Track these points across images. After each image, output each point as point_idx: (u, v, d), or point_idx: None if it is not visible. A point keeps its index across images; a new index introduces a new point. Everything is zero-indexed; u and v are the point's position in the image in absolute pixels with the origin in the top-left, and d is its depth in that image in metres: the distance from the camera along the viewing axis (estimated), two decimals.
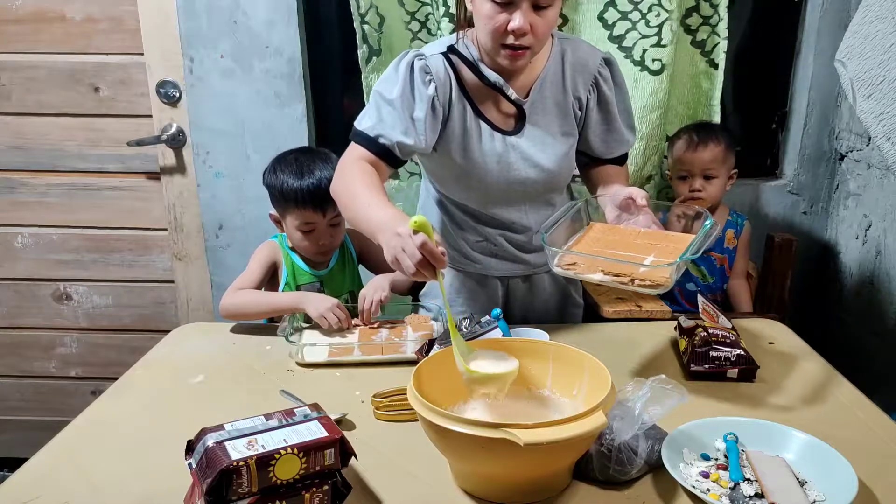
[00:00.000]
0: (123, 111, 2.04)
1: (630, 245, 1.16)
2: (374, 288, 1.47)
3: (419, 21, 1.85)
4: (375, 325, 1.43)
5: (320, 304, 1.41)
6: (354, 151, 1.33)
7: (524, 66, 1.34)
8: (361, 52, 1.81)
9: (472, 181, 1.42)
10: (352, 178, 1.28)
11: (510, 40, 1.24)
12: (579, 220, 1.29)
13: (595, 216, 1.31)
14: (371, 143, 1.31)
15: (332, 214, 1.52)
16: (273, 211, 1.58)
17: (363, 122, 1.34)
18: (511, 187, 1.43)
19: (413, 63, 1.33)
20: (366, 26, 1.79)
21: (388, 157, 1.32)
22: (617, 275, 1.08)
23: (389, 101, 1.31)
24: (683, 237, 1.18)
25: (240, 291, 1.50)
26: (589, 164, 1.52)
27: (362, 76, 1.86)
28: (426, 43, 1.74)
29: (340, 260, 1.62)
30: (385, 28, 1.81)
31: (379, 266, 1.66)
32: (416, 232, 1.03)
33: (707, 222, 1.16)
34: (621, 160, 1.50)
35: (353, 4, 1.79)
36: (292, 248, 1.59)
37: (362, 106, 1.48)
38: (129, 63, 2.00)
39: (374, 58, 1.84)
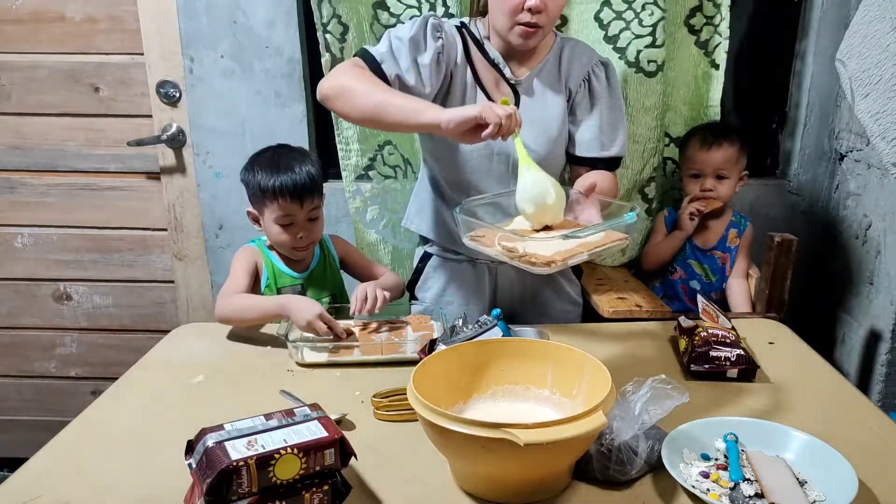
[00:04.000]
0: (123, 111, 2.04)
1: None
2: (374, 286, 1.46)
3: (403, 23, 1.85)
4: (374, 326, 1.43)
5: (305, 312, 1.35)
6: (354, 60, 1.39)
7: (533, 46, 1.42)
8: (324, 59, 1.84)
9: (462, 155, 1.47)
10: (368, 79, 1.32)
11: (525, 18, 1.34)
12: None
13: None
14: (374, 65, 1.37)
15: (310, 207, 1.50)
16: (250, 208, 1.56)
17: (373, 49, 1.40)
18: (498, 160, 1.48)
19: (428, 19, 1.43)
20: (328, 35, 1.81)
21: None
22: (510, 250, 1.07)
23: (400, 39, 1.39)
24: (613, 234, 1.13)
25: (233, 297, 1.46)
26: (570, 165, 1.55)
27: None
28: None
29: (321, 262, 1.61)
30: (348, 36, 1.82)
31: (361, 271, 1.66)
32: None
33: (628, 214, 1.11)
34: (599, 164, 1.48)
35: (315, 14, 1.80)
36: (270, 248, 1.58)
37: None
38: (129, 63, 2.00)
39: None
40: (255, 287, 1.55)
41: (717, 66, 1.91)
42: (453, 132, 1.16)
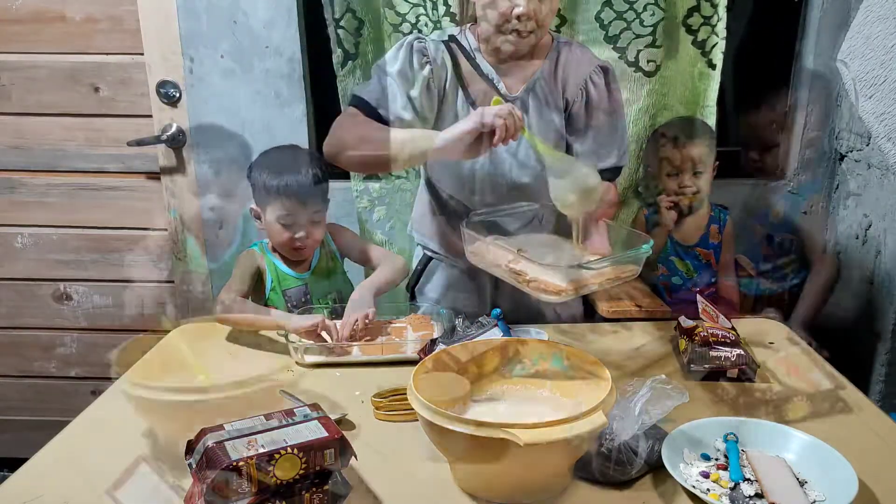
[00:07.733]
0: (123, 111, 2.04)
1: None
2: (359, 305, 1.41)
3: (410, 23, 1.85)
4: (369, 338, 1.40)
5: (303, 321, 1.36)
6: (350, 111, 1.37)
7: (528, 49, 1.36)
8: (336, 56, 1.83)
9: (460, 171, 1.44)
10: (362, 130, 1.30)
11: (514, 25, 1.29)
12: (535, 223, 1.24)
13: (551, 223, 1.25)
14: (371, 110, 1.35)
15: (313, 209, 1.50)
16: (253, 205, 1.56)
17: (365, 91, 1.37)
18: (496, 181, 1.44)
19: (412, 45, 1.38)
20: (340, 31, 1.81)
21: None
22: (518, 273, 1.03)
23: (390, 75, 1.36)
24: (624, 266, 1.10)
25: (233, 304, 1.46)
26: None
27: (337, 79, 1.87)
28: None
29: (323, 259, 1.60)
30: (365, 31, 1.82)
31: (357, 255, 1.65)
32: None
33: (643, 246, 1.07)
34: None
35: (327, 10, 1.79)
36: (273, 250, 1.57)
37: None
38: (129, 63, 2.00)
39: (350, 62, 1.84)
40: (257, 289, 1.55)
41: (713, 66, 1.90)
42: (455, 153, 1.13)
